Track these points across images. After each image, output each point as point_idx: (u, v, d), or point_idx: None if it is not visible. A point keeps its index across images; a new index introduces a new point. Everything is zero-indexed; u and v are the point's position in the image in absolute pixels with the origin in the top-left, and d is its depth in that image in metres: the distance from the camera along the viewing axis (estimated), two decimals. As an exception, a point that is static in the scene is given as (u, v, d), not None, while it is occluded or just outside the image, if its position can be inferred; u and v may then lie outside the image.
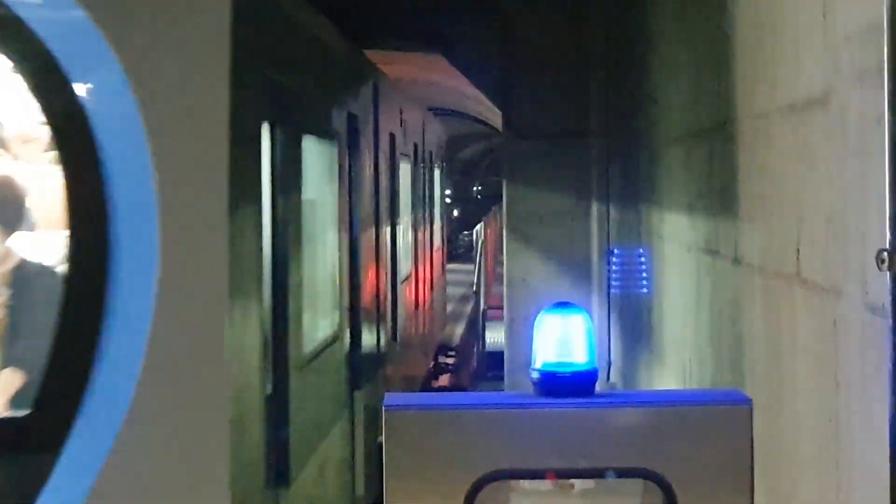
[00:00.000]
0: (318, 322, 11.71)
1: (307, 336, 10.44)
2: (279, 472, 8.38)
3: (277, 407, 8.45)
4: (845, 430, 5.44)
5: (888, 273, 4.47)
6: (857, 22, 5.18)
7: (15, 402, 6.54)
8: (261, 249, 8.25)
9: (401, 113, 19.00)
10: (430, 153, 27.12)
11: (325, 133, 12.08)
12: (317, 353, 10.98)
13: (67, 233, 6.41)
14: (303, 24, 10.58)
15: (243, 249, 7.67)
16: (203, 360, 6.35)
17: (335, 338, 12.15)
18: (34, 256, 7.01)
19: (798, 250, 6.37)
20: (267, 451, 7.88)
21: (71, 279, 6.43)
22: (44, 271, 6.90)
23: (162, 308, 6.16)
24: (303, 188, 10.35)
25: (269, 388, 8.24)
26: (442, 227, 33.67)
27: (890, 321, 4.54)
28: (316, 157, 11.62)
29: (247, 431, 7.27)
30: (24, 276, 6.98)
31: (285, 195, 9.01)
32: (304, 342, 10.11)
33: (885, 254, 4.47)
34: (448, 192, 40.10)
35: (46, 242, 6.86)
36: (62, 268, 6.63)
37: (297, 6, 10.38)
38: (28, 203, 7.27)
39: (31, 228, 7.16)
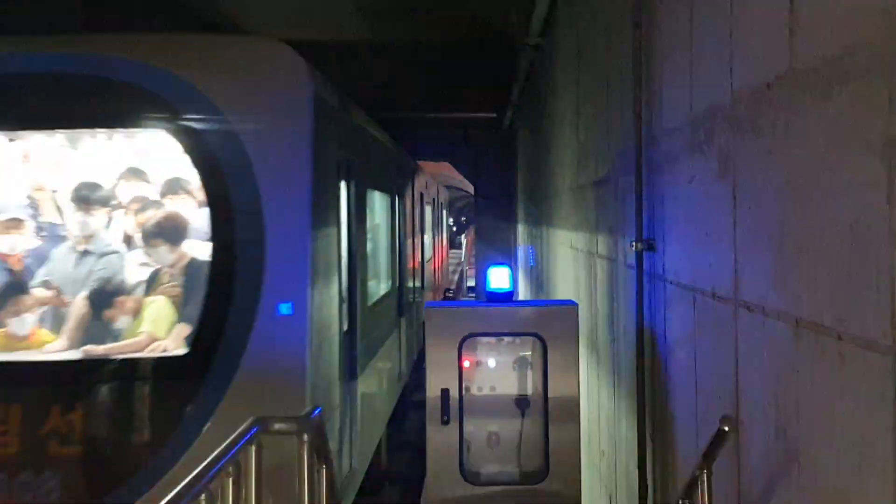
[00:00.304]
0: (381, 285, 10.78)
1: (372, 293, 9.42)
2: (350, 370, 7.56)
3: (350, 336, 7.55)
4: (617, 317, 5.41)
5: (633, 251, 4.48)
6: (622, 145, 5.11)
7: (185, 343, 5.97)
8: (339, 249, 7.29)
9: (426, 183, 18.50)
10: (441, 203, 26.38)
11: (383, 189, 11.09)
12: (379, 301, 9.98)
13: (214, 244, 5.92)
14: (369, 132, 9.50)
15: (328, 249, 6.72)
16: (293, 320, 5.72)
17: (390, 292, 11.29)
18: (199, 255, 6.26)
19: (596, 243, 6.37)
20: (342, 361, 7.12)
21: (214, 270, 5.87)
22: (204, 264, 6.10)
23: (268, 288, 5.64)
24: (368, 215, 9.27)
25: (345, 326, 7.38)
26: (447, 236, 33.05)
27: (635, 271, 4.55)
28: (378, 200, 10.74)
29: (328, 351, 6.65)
30: (193, 267, 6.21)
31: (357, 218, 7.97)
32: (368, 297, 8.94)
33: (633, 243, 4.44)
34: (451, 220, 40.20)
35: (207, 248, 6.18)
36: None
37: (367, 122, 9.41)
38: (190, 225, 6.45)
39: (203, 238, 6.36)
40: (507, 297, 5.26)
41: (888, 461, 1.91)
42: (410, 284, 14.54)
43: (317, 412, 3.60)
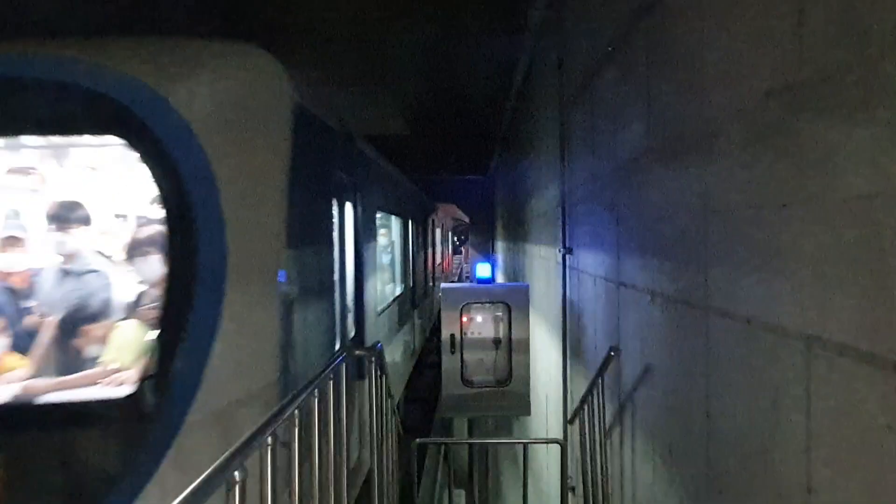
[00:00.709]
0: (396, 288, 8.04)
1: (386, 296, 6.26)
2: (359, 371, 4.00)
3: (358, 340, 4.67)
4: (552, 292, 5.26)
5: (561, 254, 4.40)
6: (554, 192, 4.98)
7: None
8: (342, 265, 4.36)
9: (438, 214, 16.31)
10: (448, 228, 24.02)
11: (397, 213, 8.09)
12: (392, 302, 7.00)
13: (169, 264, 2.86)
14: (381, 165, 6.18)
15: (317, 266, 3.76)
16: (255, 346, 2.89)
17: (404, 292, 8.54)
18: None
19: (540, 249, 6.27)
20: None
21: (169, 297, 2.75)
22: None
23: (229, 312, 2.72)
24: (380, 233, 6.46)
25: (352, 333, 4.56)
26: (452, 247, 30.56)
27: (562, 266, 4.47)
28: (393, 222, 8.05)
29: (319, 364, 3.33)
30: None
31: (365, 236, 5.10)
32: (382, 301, 5.90)
33: (560, 249, 4.34)
34: (456, 238, 39.41)
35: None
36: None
37: (378, 158, 6.34)
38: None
39: None
40: (488, 281, 5.26)
41: (700, 368, 1.92)
42: (424, 281, 11.80)
43: (379, 346, 3.35)
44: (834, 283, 1.25)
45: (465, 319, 4.99)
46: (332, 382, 2.44)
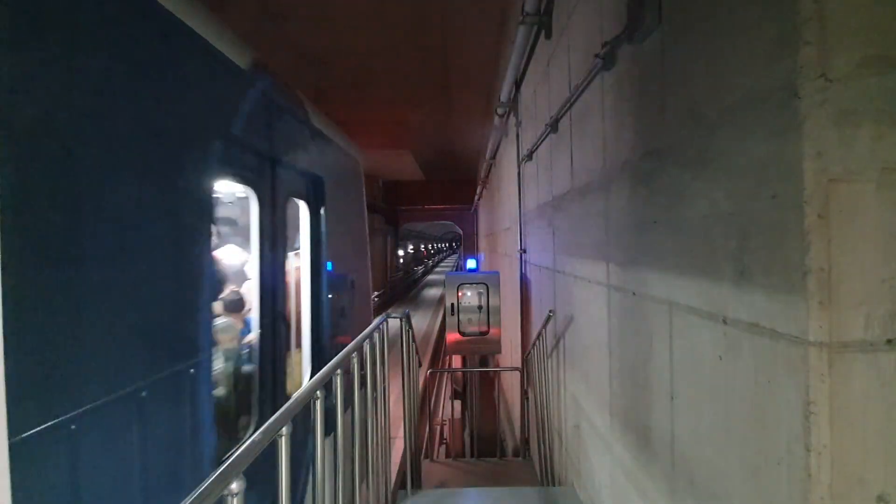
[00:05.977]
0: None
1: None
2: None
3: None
4: (514, 277, 5.03)
5: (519, 253, 4.15)
6: (514, 214, 4.75)
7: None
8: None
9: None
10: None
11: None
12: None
13: None
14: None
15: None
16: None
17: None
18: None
19: (507, 249, 5.92)
20: None
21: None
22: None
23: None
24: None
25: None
26: (451, 250, 29.13)
27: (520, 260, 4.24)
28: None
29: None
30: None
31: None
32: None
33: (519, 250, 4.09)
34: (454, 243, 37.00)
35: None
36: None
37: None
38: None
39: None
40: (474, 270, 5.15)
41: (605, 322, 1.88)
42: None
43: (407, 311, 2.92)
44: (683, 268, 1.26)
45: (460, 294, 4.87)
46: (377, 334, 2.26)
